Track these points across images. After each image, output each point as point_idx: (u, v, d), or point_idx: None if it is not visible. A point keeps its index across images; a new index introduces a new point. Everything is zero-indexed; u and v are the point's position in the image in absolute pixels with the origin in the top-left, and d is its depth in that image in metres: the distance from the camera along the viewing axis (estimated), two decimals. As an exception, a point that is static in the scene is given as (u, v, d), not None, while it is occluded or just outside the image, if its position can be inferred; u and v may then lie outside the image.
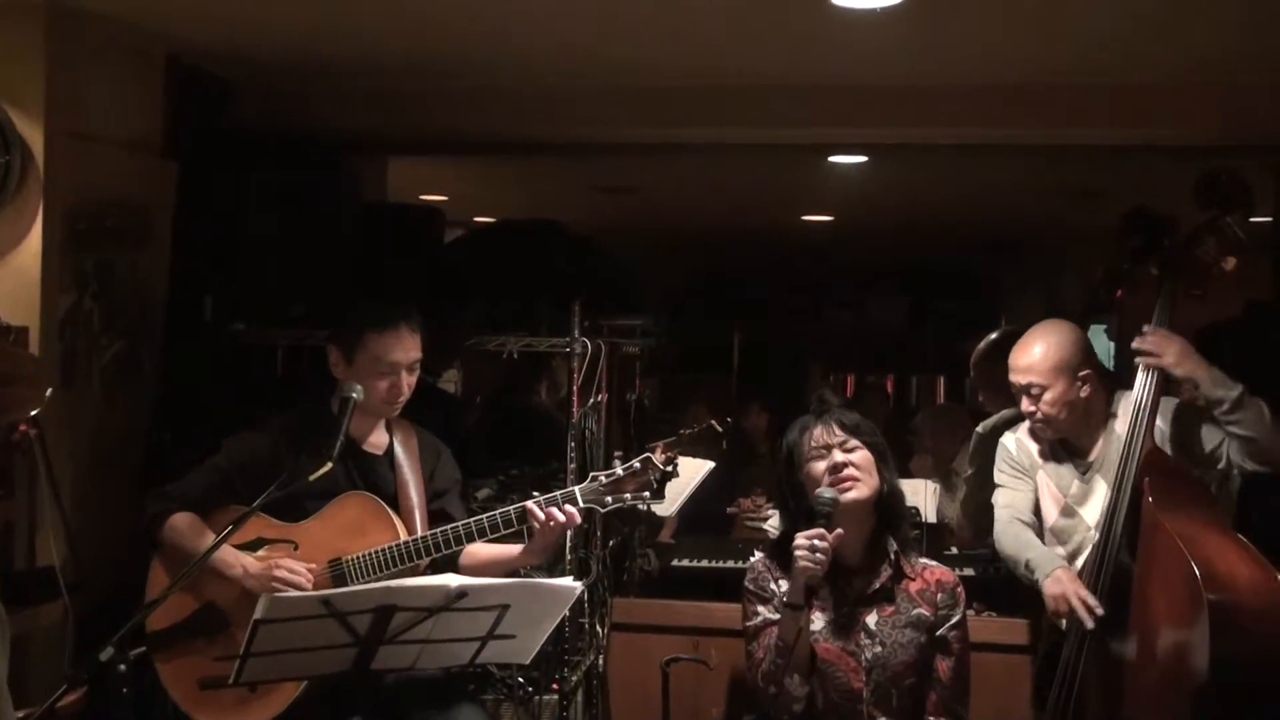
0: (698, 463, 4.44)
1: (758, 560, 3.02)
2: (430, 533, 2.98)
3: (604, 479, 2.96)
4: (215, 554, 2.75)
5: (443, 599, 2.48)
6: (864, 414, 3.13)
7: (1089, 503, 3.19)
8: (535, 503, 2.92)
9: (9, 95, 3.28)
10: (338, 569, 2.95)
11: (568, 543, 3.56)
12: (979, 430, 3.69)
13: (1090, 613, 2.90)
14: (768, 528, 5.11)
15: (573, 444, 3.68)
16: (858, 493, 2.85)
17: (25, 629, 3.15)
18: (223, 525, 2.77)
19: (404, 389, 3.06)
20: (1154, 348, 3.02)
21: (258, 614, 2.37)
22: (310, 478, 2.74)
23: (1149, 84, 4.05)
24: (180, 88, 3.92)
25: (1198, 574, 2.66)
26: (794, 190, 6.54)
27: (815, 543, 2.71)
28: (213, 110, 4.16)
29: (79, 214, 3.45)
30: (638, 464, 2.95)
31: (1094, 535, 3.10)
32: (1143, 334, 3.06)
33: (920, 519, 4.26)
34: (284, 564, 2.91)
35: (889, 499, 2.94)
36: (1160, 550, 2.81)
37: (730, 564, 4.61)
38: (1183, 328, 3.10)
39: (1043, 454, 3.30)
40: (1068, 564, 3.09)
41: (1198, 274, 3.11)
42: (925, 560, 3.00)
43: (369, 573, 2.94)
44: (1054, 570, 3.02)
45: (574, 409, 3.69)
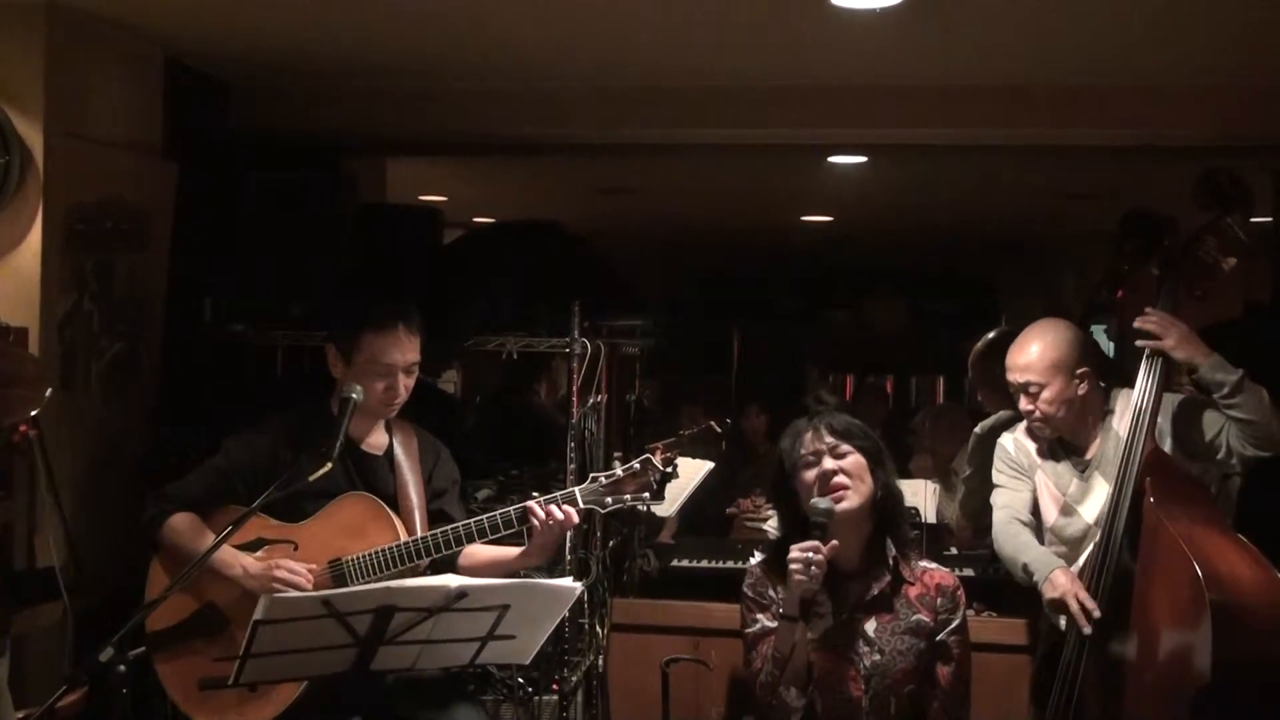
0: (697, 463, 4.45)
1: (756, 565, 2.97)
2: (430, 533, 2.97)
3: (604, 480, 2.95)
4: (215, 554, 2.75)
5: (443, 599, 2.48)
6: (863, 414, 3.12)
7: (1088, 501, 3.19)
8: (535, 502, 2.92)
9: (9, 96, 3.28)
10: (337, 569, 2.95)
11: (567, 543, 3.56)
12: (977, 431, 3.69)
13: (1088, 616, 2.90)
14: (767, 528, 5.11)
15: (572, 444, 3.68)
16: (849, 503, 2.80)
17: (25, 629, 3.15)
18: (222, 526, 2.77)
19: (400, 391, 3.05)
20: (1157, 329, 3.02)
21: (258, 615, 2.37)
22: (310, 478, 2.74)
23: (1148, 85, 4.06)
24: (180, 89, 3.93)
25: (1200, 574, 2.65)
26: (793, 191, 6.55)
27: (809, 555, 2.66)
28: (212, 112, 4.17)
29: (78, 215, 3.45)
30: (637, 465, 2.94)
31: (1094, 533, 3.10)
32: (1146, 314, 3.06)
33: (920, 519, 4.26)
34: (284, 564, 2.91)
35: (885, 502, 2.87)
36: (1162, 551, 2.81)
37: (730, 564, 4.61)
38: (1183, 328, 3.11)
39: (1041, 453, 3.30)
40: (1066, 565, 3.09)
41: (1198, 274, 3.11)
42: (925, 563, 2.94)
43: (369, 573, 2.93)
44: (1052, 572, 3.02)
45: (573, 409, 3.69)
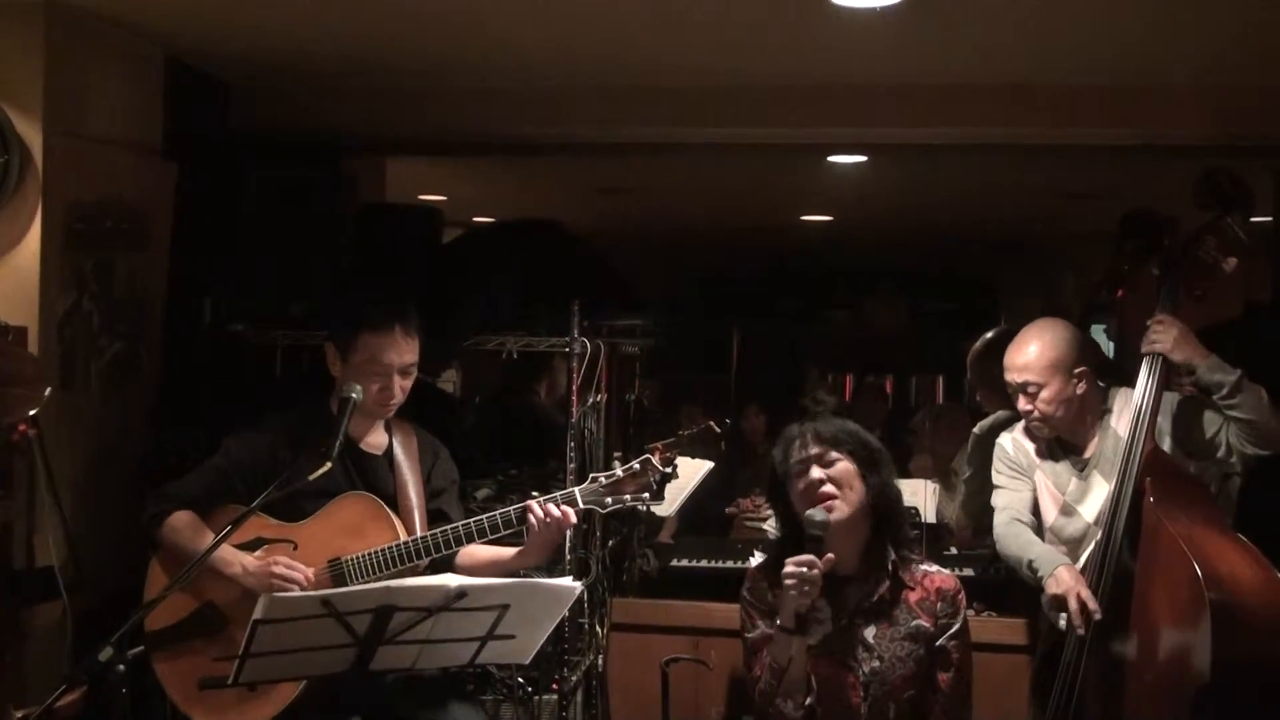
0: (697, 463, 4.44)
1: (755, 569, 2.95)
2: (430, 533, 2.97)
3: (604, 480, 2.95)
4: (214, 553, 2.74)
5: (442, 599, 2.48)
6: (862, 414, 3.12)
7: (1087, 500, 3.19)
8: (535, 502, 2.92)
9: (8, 95, 3.28)
10: (337, 569, 2.95)
11: (567, 543, 3.56)
12: (975, 431, 3.70)
13: (1087, 616, 2.90)
14: (767, 527, 5.11)
15: (572, 444, 3.68)
16: (839, 513, 2.76)
17: (24, 629, 3.15)
18: (222, 525, 2.77)
19: (395, 392, 3.04)
20: (1155, 335, 3.03)
21: (257, 614, 2.36)
22: (310, 477, 2.74)
23: (1149, 84, 4.06)
24: (179, 88, 3.92)
25: (1199, 574, 2.65)
26: (793, 190, 6.54)
27: (804, 571, 2.62)
28: (212, 111, 4.17)
29: (78, 214, 3.45)
30: (637, 465, 2.94)
31: (1094, 532, 3.10)
32: (1149, 327, 3.07)
33: (920, 519, 4.27)
34: (281, 561, 2.90)
35: (881, 505, 2.83)
36: (1162, 551, 2.81)
37: (729, 564, 4.62)
38: (1183, 328, 3.10)
39: (1039, 453, 3.30)
40: (1070, 562, 3.09)
41: (1198, 274, 3.11)
42: (926, 566, 2.90)
43: (368, 573, 2.93)
44: (1057, 568, 3.01)
45: (573, 409, 3.68)
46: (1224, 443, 3.06)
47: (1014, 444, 3.36)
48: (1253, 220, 3.13)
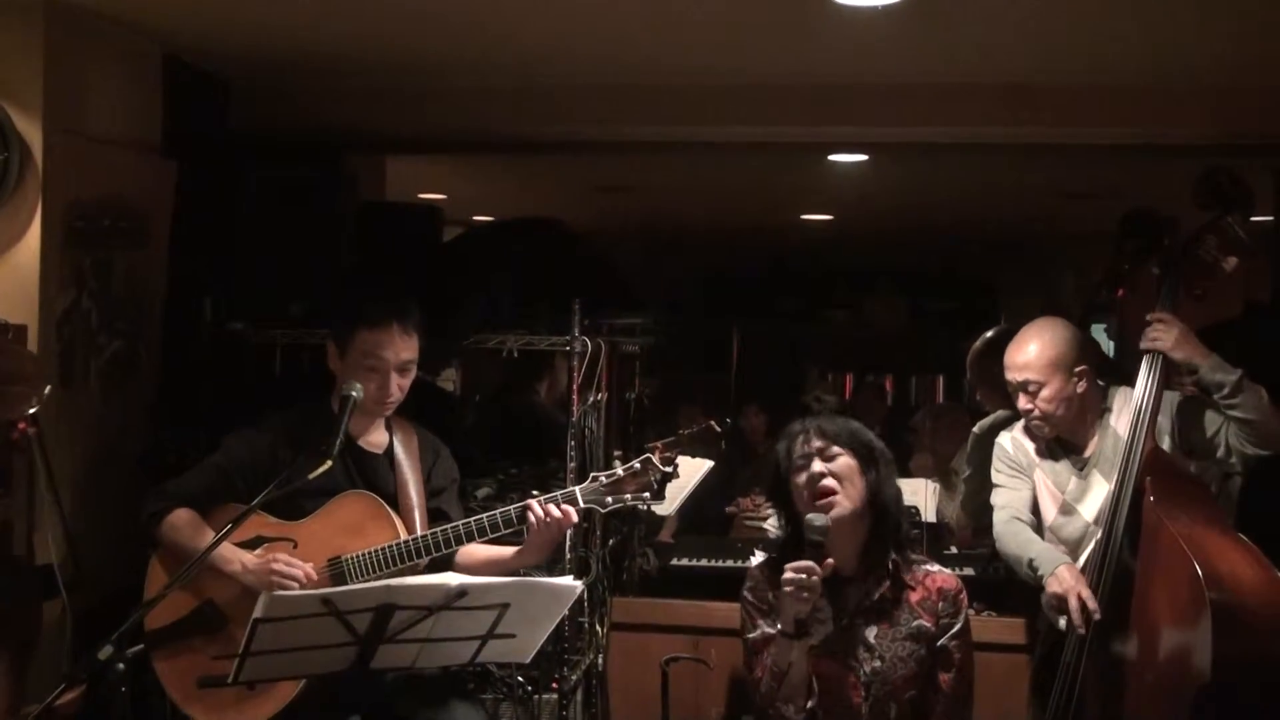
0: (697, 462, 4.44)
1: (756, 568, 2.94)
2: (430, 532, 2.97)
3: (604, 479, 2.95)
4: (214, 551, 2.74)
5: (443, 598, 2.48)
6: (862, 413, 3.12)
7: (1087, 499, 3.19)
8: (536, 501, 2.92)
9: (7, 93, 3.27)
10: (337, 568, 2.94)
11: (567, 542, 3.55)
12: (975, 431, 3.70)
13: (1087, 616, 2.90)
14: (767, 527, 5.11)
15: (573, 443, 3.67)
16: (839, 509, 2.75)
17: (39, 624, 3.14)
18: (222, 524, 2.76)
19: (393, 389, 3.02)
20: (1156, 333, 3.03)
21: (257, 613, 2.36)
22: (310, 476, 2.74)
23: (1149, 84, 4.06)
24: (179, 86, 3.92)
25: (1200, 574, 2.65)
26: (794, 189, 6.54)
27: (803, 578, 2.61)
28: (211, 109, 4.16)
29: (77, 212, 3.45)
30: (638, 464, 2.94)
31: (1094, 532, 3.10)
32: (1149, 325, 3.07)
33: (920, 518, 4.27)
34: (281, 557, 2.90)
35: (881, 503, 2.82)
36: (1162, 550, 2.81)
37: (730, 563, 4.62)
38: (1183, 328, 3.10)
39: (1039, 452, 3.30)
40: (1071, 561, 3.08)
41: (1199, 274, 3.11)
42: (927, 565, 2.89)
43: (368, 571, 2.93)
44: (1058, 567, 3.01)
45: (574, 408, 3.68)
46: (1224, 442, 3.06)
47: (1013, 443, 3.36)
48: (1253, 220, 3.13)
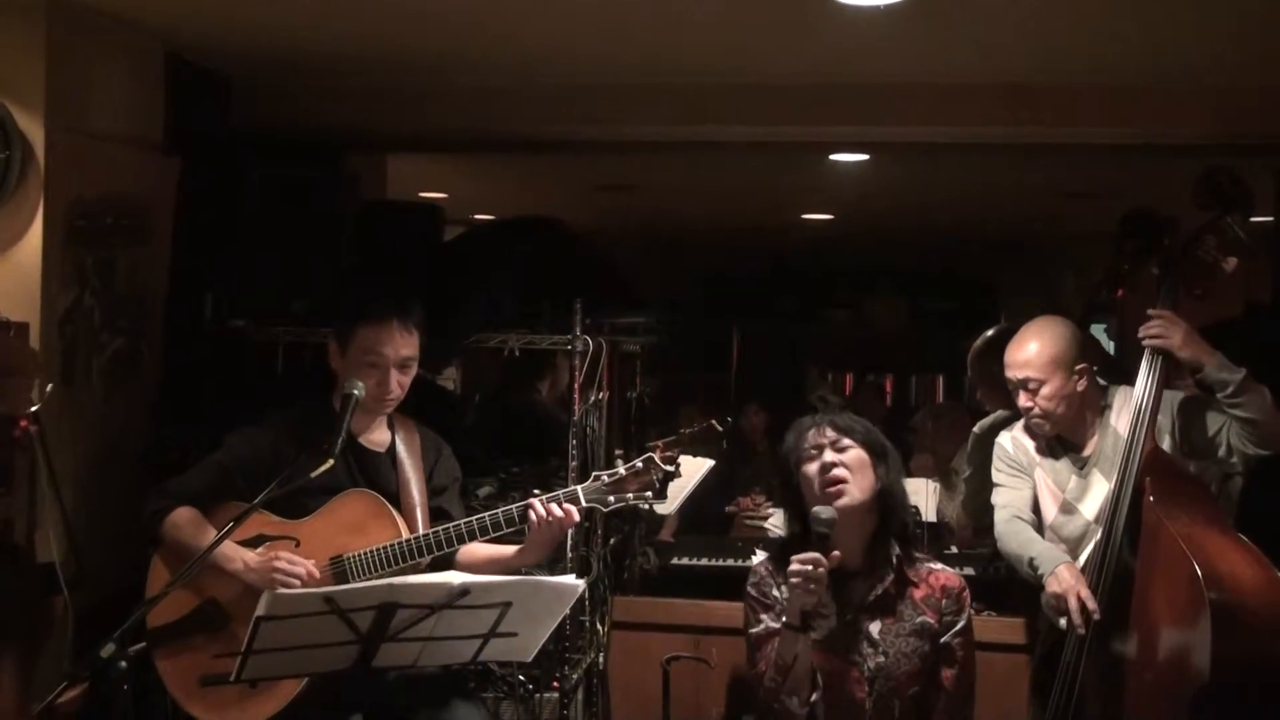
0: (698, 461, 4.44)
1: (760, 564, 2.94)
2: (432, 530, 2.97)
3: (606, 478, 2.95)
4: (216, 549, 2.74)
5: (445, 596, 2.48)
6: (861, 413, 3.12)
7: (1087, 498, 3.19)
8: (538, 500, 2.92)
9: (10, 91, 3.27)
10: (339, 566, 2.95)
11: (569, 541, 3.56)
12: (975, 431, 3.70)
13: (1086, 616, 2.90)
14: (768, 526, 5.12)
15: (574, 442, 3.67)
16: (848, 498, 2.77)
17: (47, 621, 3.14)
18: (223, 522, 2.76)
19: (393, 386, 3.02)
20: (1161, 329, 3.03)
21: (260, 611, 2.36)
22: (312, 474, 2.74)
23: (1150, 84, 4.06)
24: (180, 84, 3.92)
25: (1199, 574, 2.66)
26: (794, 189, 6.54)
27: (809, 569, 2.62)
28: (213, 107, 4.16)
29: (79, 210, 3.45)
30: (640, 463, 2.94)
31: (1094, 531, 3.11)
32: (1148, 322, 3.06)
33: (920, 518, 4.27)
34: (283, 556, 2.90)
35: (888, 499, 2.85)
36: (1162, 550, 2.81)
37: (730, 562, 4.63)
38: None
39: (1039, 450, 3.31)
40: (1071, 561, 3.09)
41: (1198, 274, 3.12)
42: (930, 564, 2.91)
43: (370, 570, 2.93)
44: (1058, 567, 3.02)
45: (575, 407, 3.68)
46: (1225, 442, 3.06)
47: (1013, 442, 3.36)
48: (1253, 220, 3.13)
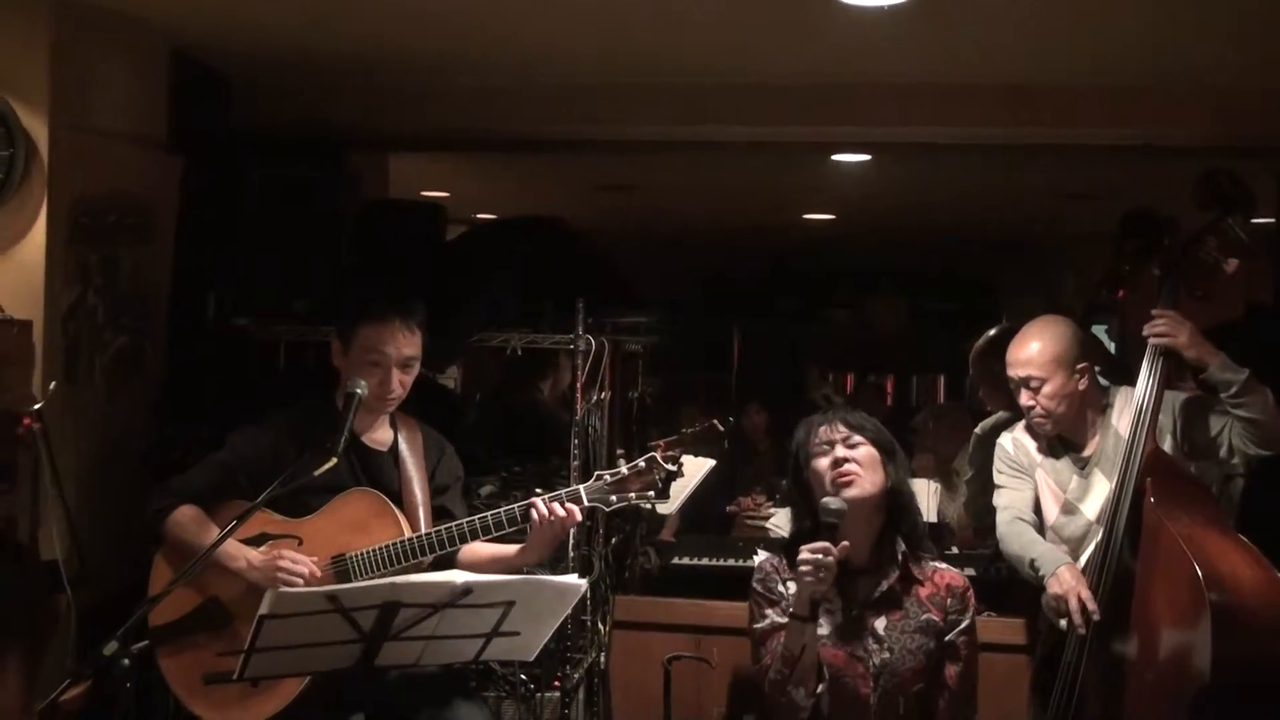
0: (699, 461, 4.45)
1: (765, 560, 2.95)
2: (435, 529, 2.97)
3: (608, 478, 2.95)
4: (219, 548, 2.75)
5: (448, 595, 2.48)
6: (859, 413, 3.13)
7: (1089, 498, 3.20)
8: (541, 500, 2.92)
9: (14, 89, 3.28)
10: (341, 565, 2.95)
11: (570, 540, 3.56)
12: (977, 432, 3.71)
13: (1087, 617, 2.91)
14: (769, 526, 5.13)
15: (576, 441, 3.68)
16: (859, 489, 2.79)
17: (51, 618, 3.15)
18: (226, 520, 2.77)
19: (394, 385, 3.03)
20: (1167, 328, 3.04)
21: (263, 609, 2.36)
22: (315, 473, 2.75)
23: (1152, 85, 4.06)
24: (184, 83, 3.92)
25: (1200, 575, 2.66)
26: (796, 189, 6.54)
27: (819, 558, 2.64)
28: (215, 106, 4.17)
29: (83, 208, 3.45)
30: (643, 463, 2.94)
31: (1095, 531, 3.11)
32: (1153, 320, 3.07)
33: (921, 519, 4.27)
34: (286, 555, 2.90)
35: (896, 498, 2.87)
36: (1163, 551, 2.82)
37: (731, 562, 4.63)
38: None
39: (1040, 450, 3.31)
40: (1073, 562, 3.09)
41: (1199, 275, 3.12)
42: (935, 563, 2.92)
43: (373, 569, 2.93)
44: (1059, 567, 3.02)
45: (578, 406, 3.69)
46: (1226, 443, 3.07)
47: (1014, 443, 3.37)
48: (1255, 222, 3.13)
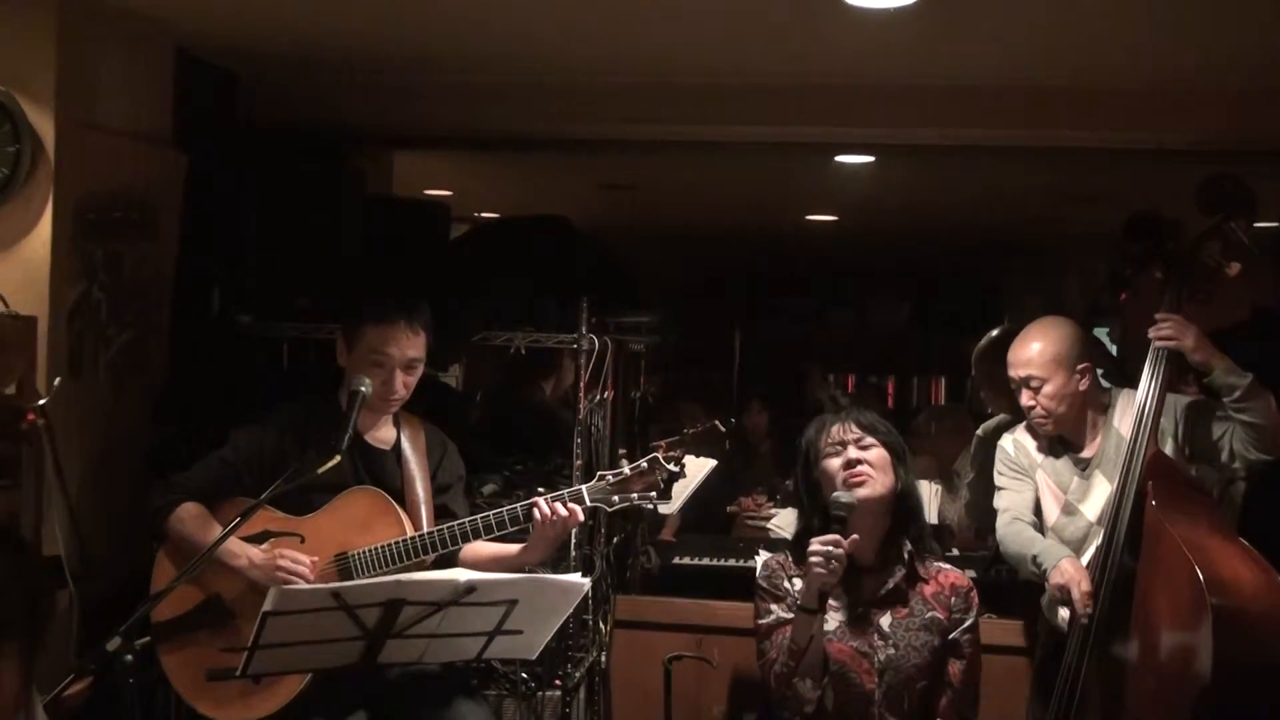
0: (700, 461, 4.45)
1: (770, 558, 2.98)
2: (437, 528, 2.98)
3: (611, 478, 2.96)
4: (221, 545, 2.75)
5: (451, 593, 2.49)
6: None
7: (1089, 499, 3.20)
8: (543, 499, 2.93)
9: (20, 85, 3.28)
10: (344, 563, 2.96)
11: (572, 539, 3.57)
12: (978, 433, 3.71)
13: (1090, 607, 2.91)
14: (770, 526, 5.13)
15: (579, 440, 3.68)
16: (870, 489, 2.83)
17: (48, 613, 3.15)
18: (229, 518, 2.78)
19: (398, 386, 3.03)
20: (1173, 331, 3.04)
21: (267, 606, 2.37)
22: (319, 471, 2.75)
23: (1157, 88, 4.06)
24: (189, 80, 3.92)
25: (1201, 578, 2.66)
26: (799, 190, 6.55)
27: (830, 549, 2.67)
28: (221, 103, 4.17)
29: (88, 205, 3.45)
30: (645, 463, 2.95)
31: (1096, 532, 3.12)
32: (1160, 319, 3.07)
33: (926, 520, 4.28)
34: (287, 554, 2.91)
35: (904, 499, 2.91)
36: (1164, 554, 2.82)
37: (731, 562, 4.64)
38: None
39: (1041, 450, 3.32)
40: (1074, 555, 3.10)
41: (1202, 278, 3.13)
42: (940, 563, 2.97)
43: (375, 567, 2.94)
44: (1060, 560, 3.04)
45: (581, 405, 3.69)
46: (1228, 446, 3.07)
47: (1015, 445, 3.37)
48: (1258, 226, 3.14)
